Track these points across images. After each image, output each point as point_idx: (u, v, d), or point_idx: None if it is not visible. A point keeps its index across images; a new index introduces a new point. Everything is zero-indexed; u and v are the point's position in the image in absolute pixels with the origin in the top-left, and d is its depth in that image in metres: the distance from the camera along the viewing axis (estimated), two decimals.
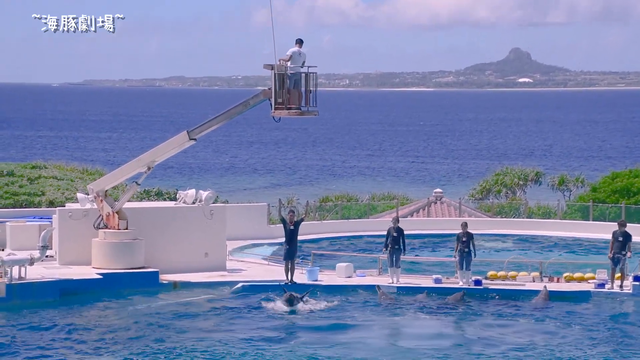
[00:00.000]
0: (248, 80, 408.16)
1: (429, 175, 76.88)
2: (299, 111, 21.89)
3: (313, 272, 23.00)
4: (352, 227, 31.15)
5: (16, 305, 20.05)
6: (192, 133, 22.61)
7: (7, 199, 31.56)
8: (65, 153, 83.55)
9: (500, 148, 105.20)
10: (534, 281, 22.86)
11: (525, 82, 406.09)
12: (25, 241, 24.41)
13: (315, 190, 59.05)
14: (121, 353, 16.85)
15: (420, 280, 22.89)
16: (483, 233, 29.75)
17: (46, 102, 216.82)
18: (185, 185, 33.15)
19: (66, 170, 36.65)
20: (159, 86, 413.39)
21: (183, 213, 24.09)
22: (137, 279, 22.15)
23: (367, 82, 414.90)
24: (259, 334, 18.42)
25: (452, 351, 17.32)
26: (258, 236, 28.54)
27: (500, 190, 42.23)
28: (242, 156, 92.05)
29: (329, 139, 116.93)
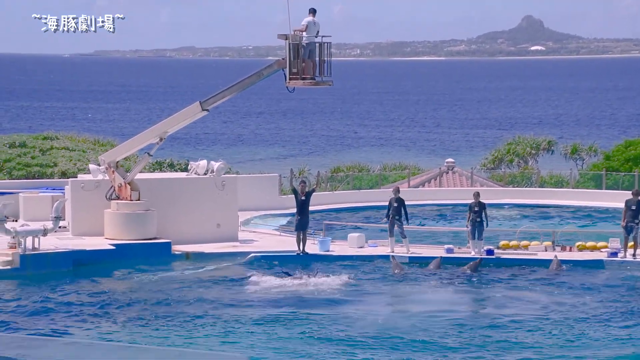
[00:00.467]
0: (259, 51, 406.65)
1: (440, 145, 76.70)
2: (314, 81, 21.82)
3: (325, 242, 23.03)
4: (364, 197, 31.14)
5: (30, 276, 20.21)
6: (205, 104, 22.58)
7: (19, 170, 31.71)
8: (74, 124, 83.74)
9: (512, 117, 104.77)
10: (546, 250, 22.84)
11: (538, 50, 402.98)
12: (38, 212, 24.53)
13: (326, 160, 59.02)
14: (133, 323, 16.95)
15: (432, 250, 22.90)
16: (495, 203, 29.68)
17: (57, 72, 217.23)
18: (197, 156, 33.20)
19: (78, 141, 36.75)
20: (170, 57, 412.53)
21: (195, 184, 24.11)
22: (150, 250, 22.24)
23: (378, 51, 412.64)
24: (271, 304, 18.49)
25: (465, 321, 17.35)
26: (270, 207, 28.57)
27: (513, 160, 42.08)
28: (250, 127, 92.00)
29: (340, 109, 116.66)
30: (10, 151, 32.61)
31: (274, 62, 22.39)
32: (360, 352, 15.16)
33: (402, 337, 16.06)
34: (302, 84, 21.80)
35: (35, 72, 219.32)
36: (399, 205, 22.53)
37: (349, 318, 17.31)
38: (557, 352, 15.36)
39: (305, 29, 21.67)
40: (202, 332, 16.36)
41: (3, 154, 32.26)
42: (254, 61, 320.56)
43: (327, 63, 21.90)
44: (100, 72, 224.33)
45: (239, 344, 15.57)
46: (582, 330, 16.64)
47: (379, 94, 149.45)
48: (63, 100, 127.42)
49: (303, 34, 21.62)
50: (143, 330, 16.51)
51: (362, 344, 15.59)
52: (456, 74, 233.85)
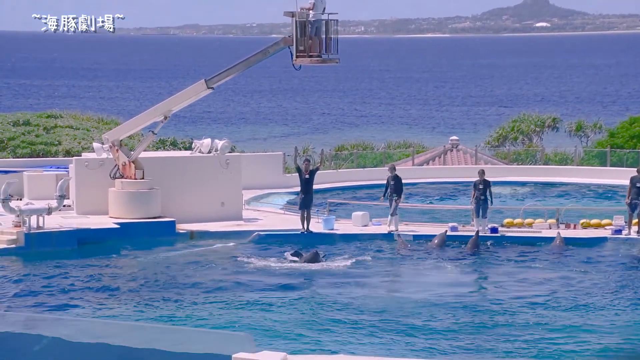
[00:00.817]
0: (263, 28, 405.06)
1: (444, 123, 76.53)
2: (321, 59, 21.76)
3: (329, 221, 23.04)
4: (368, 175, 31.11)
5: (34, 254, 20.26)
6: (210, 82, 22.52)
7: (23, 148, 31.68)
8: (77, 103, 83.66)
9: (516, 94, 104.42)
10: (551, 228, 22.84)
11: (543, 26, 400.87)
12: (42, 191, 24.55)
13: (330, 139, 58.94)
14: (136, 302, 17.01)
15: (436, 228, 22.90)
16: (499, 180, 29.66)
17: (60, 50, 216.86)
18: (200, 134, 33.14)
19: (82, 120, 36.68)
20: (174, 34, 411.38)
21: (199, 162, 24.10)
22: (154, 229, 22.27)
23: (383, 28, 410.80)
24: (275, 282, 18.53)
25: (470, 300, 17.37)
26: (274, 185, 28.57)
27: (517, 137, 41.96)
28: (252, 105, 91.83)
29: (343, 87, 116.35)
30: (14, 129, 32.58)
31: (280, 40, 22.31)
32: (363, 334, 15.18)
33: (406, 317, 16.08)
34: (309, 62, 21.78)
35: (41, 49, 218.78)
36: (396, 182, 22.55)
37: (353, 298, 17.33)
38: (563, 330, 15.37)
39: (312, 7, 21.61)
40: (206, 311, 16.41)
41: (7, 132, 32.23)
42: (258, 39, 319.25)
43: (334, 40, 21.81)
44: (104, 50, 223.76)
45: (242, 323, 15.61)
46: (587, 308, 16.65)
47: (382, 71, 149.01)
48: (65, 78, 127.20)
49: (310, 12, 21.52)
50: (146, 308, 16.56)
51: (365, 325, 15.61)
52: (460, 51, 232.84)
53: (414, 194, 29.69)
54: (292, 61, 21.79)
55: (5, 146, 31.73)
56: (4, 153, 31.27)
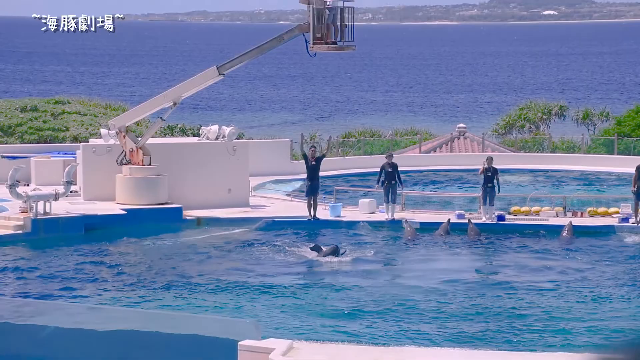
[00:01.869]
0: (270, 15, 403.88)
1: (451, 111, 76.33)
2: (338, 46, 21.80)
3: (336, 207, 23.03)
4: (375, 162, 31.00)
5: (41, 240, 20.30)
6: (222, 68, 22.53)
7: (31, 134, 31.74)
8: (84, 89, 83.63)
9: (523, 82, 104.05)
10: (558, 216, 22.78)
11: (550, 14, 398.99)
12: (49, 176, 24.57)
13: (336, 126, 58.84)
14: (143, 289, 17.04)
15: (443, 215, 22.87)
16: (507, 168, 29.59)
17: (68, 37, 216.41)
18: (208, 121, 33.13)
19: (89, 106, 36.68)
20: (182, 21, 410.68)
21: (206, 149, 24.09)
22: (161, 215, 22.29)
23: (390, 15, 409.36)
24: (282, 270, 18.54)
25: (476, 288, 17.34)
26: (281, 172, 28.55)
27: (524, 125, 41.83)
28: (259, 91, 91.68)
29: (350, 74, 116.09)
30: (21, 115, 32.62)
31: (295, 27, 22.40)
32: (372, 322, 15.18)
33: (415, 304, 16.08)
34: (326, 49, 21.91)
35: (49, 36, 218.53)
36: (393, 170, 22.54)
37: (359, 286, 17.32)
38: (571, 318, 15.34)
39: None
40: (212, 298, 16.43)
41: (15, 118, 32.27)
42: (265, 25, 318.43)
43: (350, 28, 21.84)
44: (112, 36, 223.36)
45: (249, 310, 15.63)
46: (596, 296, 16.61)
47: (390, 59, 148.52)
48: (74, 64, 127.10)
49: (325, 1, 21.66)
50: (152, 295, 16.59)
51: (373, 314, 15.60)
52: (468, 39, 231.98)
53: (420, 181, 29.65)
54: (309, 48, 21.82)
55: (13, 132, 31.78)
56: (12, 139, 31.32)
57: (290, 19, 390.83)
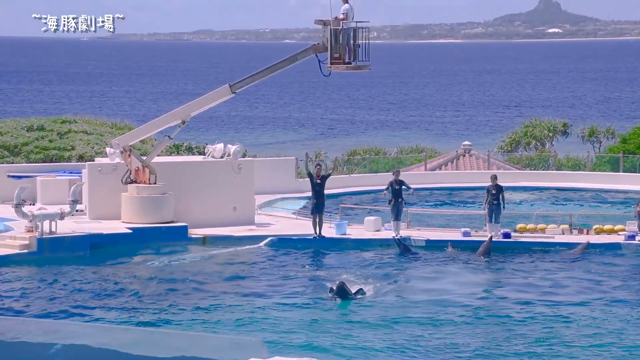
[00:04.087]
0: (276, 34, 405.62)
1: (457, 128, 76.39)
2: (356, 66, 22.15)
3: (341, 225, 23.02)
4: (381, 180, 31.02)
5: (47, 259, 20.30)
6: (234, 87, 22.70)
7: (37, 153, 31.81)
8: (91, 108, 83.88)
9: (528, 100, 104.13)
10: (564, 234, 22.73)
11: (555, 32, 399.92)
12: (55, 195, 24.61)
13: (342, 143, 58.90)
14: (148, 307, 17.01)
15: (449, 233, 22.85)
16: (512, 186, 29.56)
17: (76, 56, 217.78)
18: (213, 139, 33.21)
19: (95, 125, 36.80)
20: (187, 40, 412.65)
21: (211, 167, 24.12)
22: (167, 234, 22.29)
23: (395, 34, 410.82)
24: (287, 288, 18.49)
25: (483, 305, 17.29)
26: (286, 190, 28.56)
27: (530, 142, 41.84)
28: (262, 110, 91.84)
29: (357, 92, 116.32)
30: (28, 134, 32.72)
31: (309, 47, 22.72)
32: (379, 341, 15.13)
33: (422, 323, 16.03)
34: (344, 69, 22.19)
35: (56, 55, 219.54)
36: (400, 187, 22.58)
37: (371, 304, 17.26)
38: (579, 338, 15.27)
39: (346, 17, 22.18)
40: (218, 316, 16.40)
41: (21, 137, 32.37)
42: (270, 44, 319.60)
43: (366, 48, 22.20)
44: (118, 56, 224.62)
45: (254, 328, 15.59)
46: (605, 315, 16.54)
47: (395, 77, 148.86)
48: (76, 83, 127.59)
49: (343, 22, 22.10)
50: (158, 314, 16.56)
51: (382, 333, 15.55)
52: (473, 57, 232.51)
53: (426, 199, 29.63)
54: (327, 67, 22.17)
55: (19, 151, 31.87)
56: (18, 158, 31.40)
57: (296, 37, 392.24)
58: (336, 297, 17.22)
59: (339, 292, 17.23)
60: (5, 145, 31.95)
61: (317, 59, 22.19)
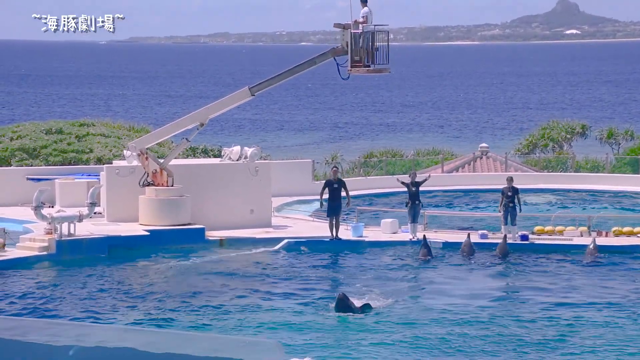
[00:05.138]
0: (292, 36, 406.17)
1: (473, 131, 76.18)
2: (376, 69, 22.29)
3: (358, 228, 23.02)
4: (397, 182, 30.99)
5: (66, 261, 20.43)
6: (254, 89, 22.80)
7: (56, 156, 31.97)
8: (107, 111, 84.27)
9: (546, 102, 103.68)
10: (582, 236, 22.63)
11: (573, 33, 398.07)
12: (73, 198, 24.76)
13: (358, 146, 58.87)
14: (165, 309, 17.07)
15: (465, 236, 22.76)
16: (530, 188, 29.45)
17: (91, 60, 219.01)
18: (230, 142, 33.27)
19: (113, 128, 36.96)
20: (204, 43, 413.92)
21: (228, 170, 24.19)
22: (184, 236, 22.37)
23: (411, 36, 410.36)
24: (305, 290, 18.50)
25: (500, 309, 17.24)
26: (303, 192, 28.58)
27: (547, 145, 41.64)
28: (277, 114, 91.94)
29: (373, 94, 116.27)
30: (46, 137, 32.90)
31: (328, 51, 22.87)
32: (394, 344, 15.11)
33: (441, 328, 15.99)
34: (365, 72, 22.37)
35: (73, 58, 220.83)
36: (417, 189, 22.57)
37: (385, 307, 17.25)
38: (595, 341, 15.19)
39: (366, 20, 22.36)
40: (234, 318, 16.43)
41: (40, 140, 32.56)
42: (287, 47, 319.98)
43: (385, 51, 22.35)
44: (135, 59, 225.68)
45: (271, 330, 15.61)
46: (623, 318, 16.44)
47: (411, 78, 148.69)
48: (94, 87, 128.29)
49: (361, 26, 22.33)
50: (175, 315, 16.62)
51: (397, 335, 15.53)
52: (490, 59, 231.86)
53: (443, 201, 29.56)
54: (347, 71, 22.24)
55: (38, 154, 32.07)
56: (37, 161, 31.61)
57: (312, 39, 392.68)
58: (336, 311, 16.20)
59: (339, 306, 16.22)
60: (25, 148, 32.16)
61: (336, 62, 22.32)
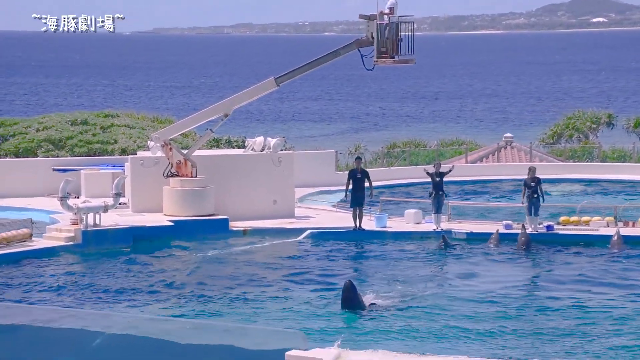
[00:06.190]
0: (315, 26, 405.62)
1: (498, 120, 75.74)
2: (402, 59, 22.43)
3: (381, 218, 22.99)
4: (421, 173, 30.88)
5: (91, 251, 20.61)
6: (279, 80, 22.89)
7: (81, 147, 32.21)
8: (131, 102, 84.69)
9: (571, 91, 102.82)
10: (608, 226, 22.45)
11: (600, 22, 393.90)
12: (99, 189, 24.95)
13: (381, 136, 58.77)
14: (190, 299, 17.17)
15: (490, 226, 22.69)
16: (555, 178, 29.26)
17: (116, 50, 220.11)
18: (253, 132, 33.35)
19: (137, 119, 37.15)
20: (227, 33, 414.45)
21: (251, 160, 24.24)
22: (208, 226, 22.47)
23: (435, 25, 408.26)
24: (327, 281, 18.53)
25: (525, 300, 17.17)
26: (326, 183, 28.59)
27: (572, 135, 41.31)
28: (300, 104, 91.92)
29: (395, 84, 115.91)
30: (72, 128, 33.14)
31: (352, 42, 22.96)
32: (419, 331, 15.11)
33: (466, 317, 15.97)
34: (391, 63, 22.48)
35: (98, 50, 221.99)
36: (441, 179, 22.49)
37: (408, 295, 17.24)
38: (621, 332, 15.10)
39: (392, 12, 22.40)
40: (258, 308, 16.49)
41: (65, 132, 32.82)
42: (310, 37, 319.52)
43: (410, 42, 22.37)
44: (159, 50, 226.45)
45: (293, 320, 15.65)
46: None
47: (433, 69, 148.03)
48: (110, 77, 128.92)
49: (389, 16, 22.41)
50: (199, 305, 16.71)
51: (421, 323, 15.52)
52: (514, 48, 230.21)
53: (467, 192, 29.45)
54: (373, 62, 22.28)
55: (63, 145, 32.33)
56: (63, 152, 31.86)
57: (335, 29, 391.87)
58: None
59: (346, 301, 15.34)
60: (51, 139, 32.43)
61: (360, 54, 22.32)
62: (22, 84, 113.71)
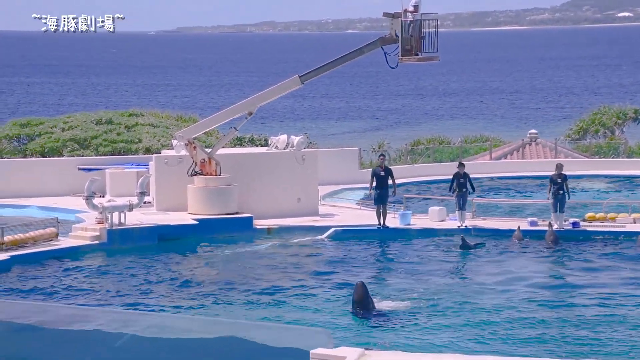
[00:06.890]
0: (338, 24, 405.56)
1: (523, 116, 75.28)
2: (427, 57, 22.43)
3: (405, 216, 22.92)
4: (445, 170, 30.80)
5: (116, 250, 20.73)
6: (304, 77, 22.97)
7: (106, 146, 32.42)
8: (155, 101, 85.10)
9: (596, 86, 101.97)
10: (635, 222, 22.24)
11: (626, 16, 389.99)
12: (124, 188, 25.07)
13: (404, 133, 58.61)
14: (216, 297, 17.22)
15: (514, 222, 22.56)
16: (581, 174, 29.03)
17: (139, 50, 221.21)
18: (276, 130, 33.42)
19: (161, 118, 37.33)
20: (250, 32, 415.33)
21: (275, 159, 24.26)
22: (232, 225, 22.51)
23: (459, 22, 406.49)
24: (352, 279, 18.50)
25: (551, 297, 17.05)
26: (350, 181, 28.56)
27: (598, 130, 40.96)
28: (323, 102, 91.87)
29: (420, 81, 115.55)
30: (97, 128, 33.37)
31: (376, 40, 22.98)
32: (442, 331, 15.05)
33: (493, 312, 15.88)
34: (415, 60, 22.51)
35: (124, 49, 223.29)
36: (465, 178, 22.38)
37: (430, 294, 17.18)
38: None
39: (416, 10, 22.43)
40: (283, 306, 16.50)
41: (90, 131, 33.04)
42: (333, 35, 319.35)
43: (432, 39, 22.36)
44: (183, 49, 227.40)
45: (319, 318, 15.64)
46: None
47: (456, 65, 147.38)
48: (130, 76, 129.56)
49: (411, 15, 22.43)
50: (225, 304, 16.74)
51: (445, 323, 15.46)
52: (539, 43, 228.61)
53: (491, 188, 29.30)
54: (398, 59, 22.32)
55: (88, 144, 32.55)
56: (88, 151, 32.08)
57: (358, 27, 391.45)
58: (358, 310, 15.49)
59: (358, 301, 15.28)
60: (76, 138, 32.66)
61: (383, 51, 22.31)
62: (63, 84, 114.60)
